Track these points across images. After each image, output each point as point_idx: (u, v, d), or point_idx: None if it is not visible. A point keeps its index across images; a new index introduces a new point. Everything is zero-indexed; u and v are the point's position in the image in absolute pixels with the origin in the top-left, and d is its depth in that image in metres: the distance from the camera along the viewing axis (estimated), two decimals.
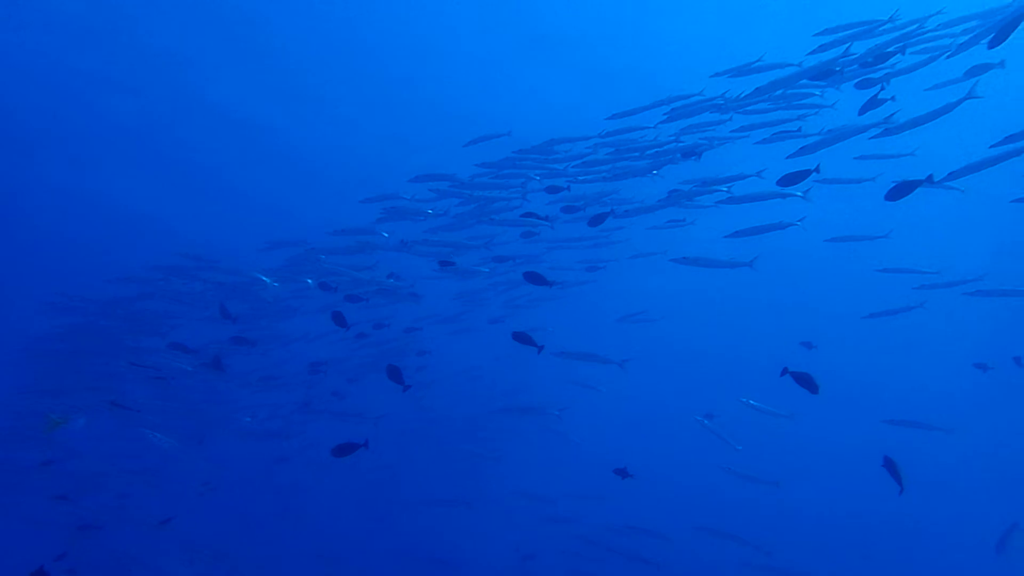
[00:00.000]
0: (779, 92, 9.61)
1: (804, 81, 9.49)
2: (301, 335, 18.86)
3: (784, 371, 7.65)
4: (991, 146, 7.48)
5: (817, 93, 9.89)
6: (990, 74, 8.59)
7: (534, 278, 8.80)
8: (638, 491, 19.33)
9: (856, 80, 9.47)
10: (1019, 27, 7.36)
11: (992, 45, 7.50)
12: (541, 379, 24.14)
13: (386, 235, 12.46)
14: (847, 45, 9.20)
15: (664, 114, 10.49)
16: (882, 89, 9.17)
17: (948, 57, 8.75)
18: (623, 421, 24.82)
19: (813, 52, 9.59)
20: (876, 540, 21.05)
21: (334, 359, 18.15)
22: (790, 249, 24.08)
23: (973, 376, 19.04)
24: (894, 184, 7.61)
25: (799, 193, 9.26)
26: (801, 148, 8.61)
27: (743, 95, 10.04)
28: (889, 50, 8.88)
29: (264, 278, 12.71)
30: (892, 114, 8.62)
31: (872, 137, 8.80)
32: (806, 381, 7.47)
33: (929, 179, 7.71)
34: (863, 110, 9.58)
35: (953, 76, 9.43)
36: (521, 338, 8.64)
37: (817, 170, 8.69)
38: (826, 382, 7.64)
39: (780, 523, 19.32)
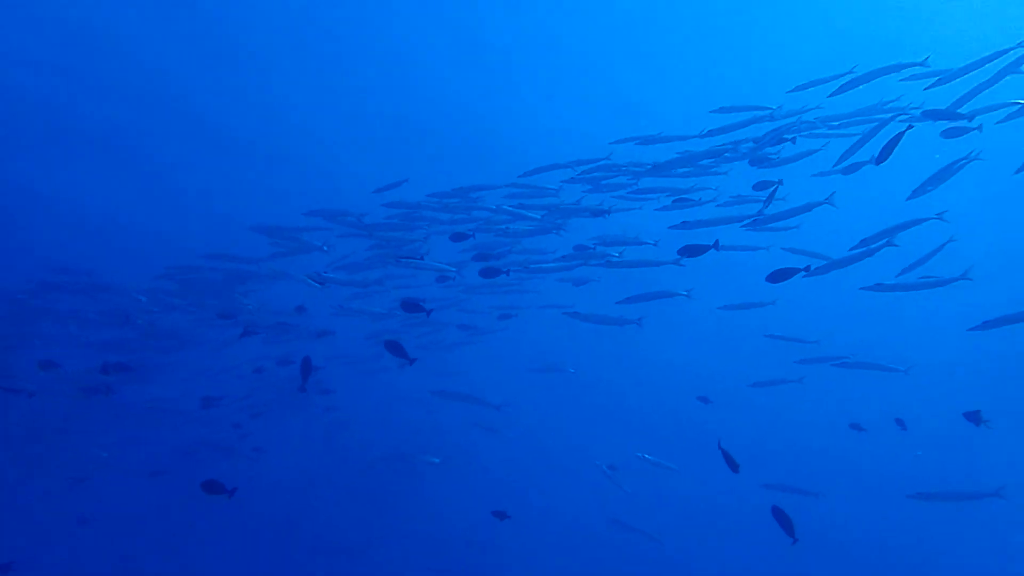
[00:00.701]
0: (681, 168, 10.38)
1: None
2: (203, 367, 18.18)
3: (719, 445, 8.01)
4: (850, 248, 8.43)
5: (723, 171, 10.72)
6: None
7: (394, 348, 8.76)
8: (523, 535, 19.65)
9: (750, 159, 10.35)
10: None
11: (879, 162, 8.38)
12: (448, 421, 24.11)
13: (325, 248, 12.20)
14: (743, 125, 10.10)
15: (571, 177, 11.03)
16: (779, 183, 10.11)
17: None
18: (523, 465, 25.02)
19: (706, 134, 10.41)
20: None
21: (232, 395, 17.55)
22: (691, 312, 25.32)
23: (851, 436, 20.43)
24: (775, 270, 8.43)
25: (681, 262, 9.95)
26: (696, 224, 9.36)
27: (656, 162, 10.74)
28: (786, 136, 9.81)
29: (141, 297, 12.10)
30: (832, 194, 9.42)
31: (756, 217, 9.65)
32: (729, 460, 7.82)
33: (807, 268, 8.51)
34: (756, 187, 10.51)
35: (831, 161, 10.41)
36: (393, 348, 8.65)
37: (716, 245, 9.37)
38: (716, 439, 8.09)
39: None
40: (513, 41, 20.59)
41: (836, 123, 10.31)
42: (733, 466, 7.83)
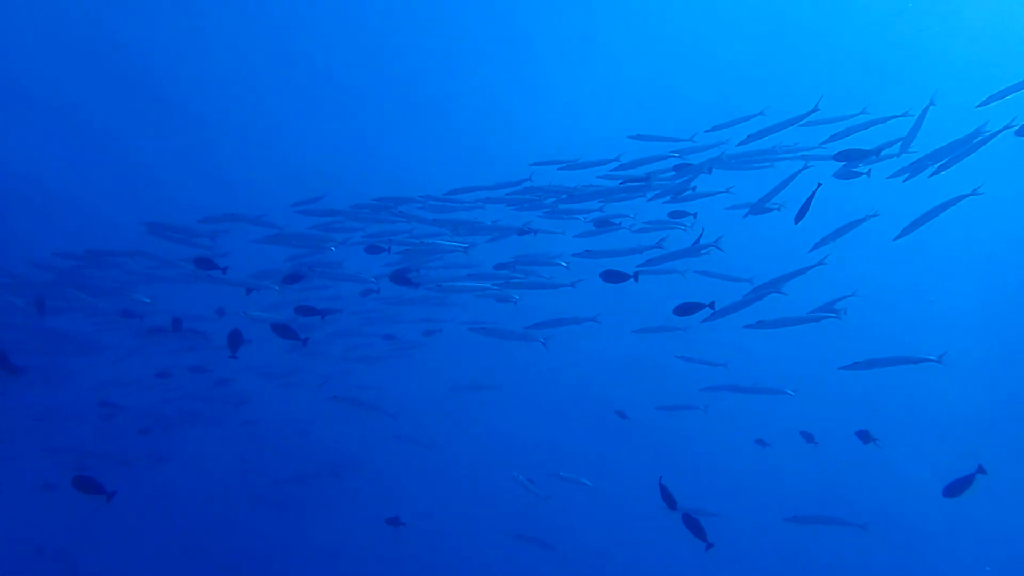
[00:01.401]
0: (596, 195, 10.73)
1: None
2: (105, 374, 17.33)
3: (660, 482, 8.15)
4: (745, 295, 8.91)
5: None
6: None
7: (283, 331, 8.55)
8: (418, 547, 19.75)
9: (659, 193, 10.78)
10: None
11: (797, 221, 8.89)
12: (369, 435, 23.81)
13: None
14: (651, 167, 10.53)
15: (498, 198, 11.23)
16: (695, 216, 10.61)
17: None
18: (437, 476, 25.06)
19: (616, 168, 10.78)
20: None
21: (137, 404, 16.79)
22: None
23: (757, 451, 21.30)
24: (681, 303, 8.83)
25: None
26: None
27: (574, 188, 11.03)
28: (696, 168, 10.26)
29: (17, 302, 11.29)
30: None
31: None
32: (667, 497, 7.93)
33: (711, 305, 8.91)
34: (672, 215, 11.00)
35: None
36: (282, 331, 8.55)
37: (635, 277, 9.63)
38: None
39: None
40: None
41: (753, 158, 10.86)
42: (671, 503, 7.97)
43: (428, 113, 23.59)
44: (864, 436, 9.89)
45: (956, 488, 7.68)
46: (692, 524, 7.93)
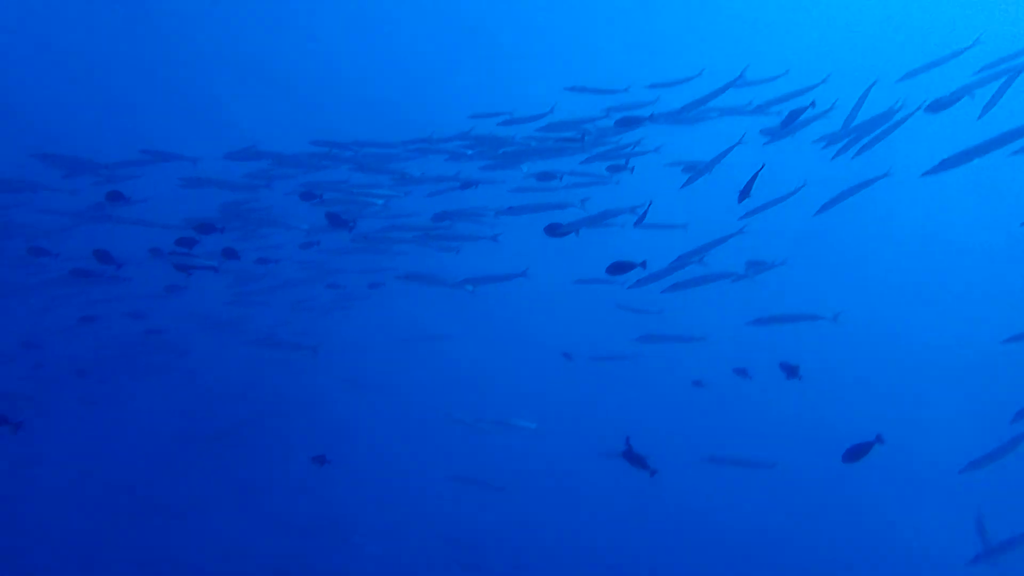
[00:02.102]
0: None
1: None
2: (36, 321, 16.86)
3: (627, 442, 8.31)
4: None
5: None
6: None
7: None
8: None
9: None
10: None
11: (740, 200, 9.03)
12: (313, 381, 23.96)
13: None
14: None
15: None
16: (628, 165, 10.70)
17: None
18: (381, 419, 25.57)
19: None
20: None
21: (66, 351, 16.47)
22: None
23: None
24: (613, 262, 8.98)
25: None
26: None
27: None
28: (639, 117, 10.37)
29: None
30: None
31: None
32: (638, 460, 8.09)
33: (643, 264, 9.01)
34: (609, 169, 11.14)
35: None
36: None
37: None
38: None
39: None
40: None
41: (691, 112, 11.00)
42: (643, 467, 8.04)
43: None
44: (789, 370, 10.15)
45: (854, 454, 8.24)
46: (633, 458, 8.26)
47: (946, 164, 7.75)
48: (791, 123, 9.23)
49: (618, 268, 9.09)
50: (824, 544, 20.80)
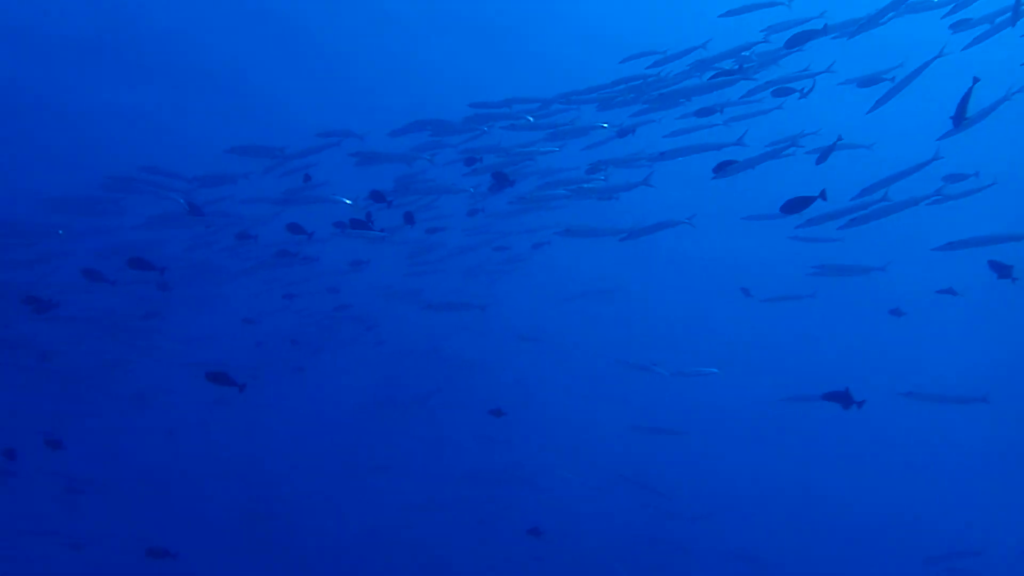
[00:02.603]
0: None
1: None
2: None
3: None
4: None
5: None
6: None
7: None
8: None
9: None
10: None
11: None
12: (492, 342, 25.07)
13: (348, 201, 12.49)
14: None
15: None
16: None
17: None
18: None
19: None
20: None
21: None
22: None
23: None
24: (791, 199, 8.46)
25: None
26: None
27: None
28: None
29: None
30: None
31: None
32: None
33: (822, 195, 8.40)
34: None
35: None
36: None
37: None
38: None
39: None
40: None
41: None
42: (848, 402, 7.88)
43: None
44: (1000, 269, 8.80)
45: (793, 206, 7.61)
46: (837, 396, 7.93)
47: None
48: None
49: (796, 204, 8.36)
50: None
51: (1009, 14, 8.06)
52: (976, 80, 7.73)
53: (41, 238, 15.29)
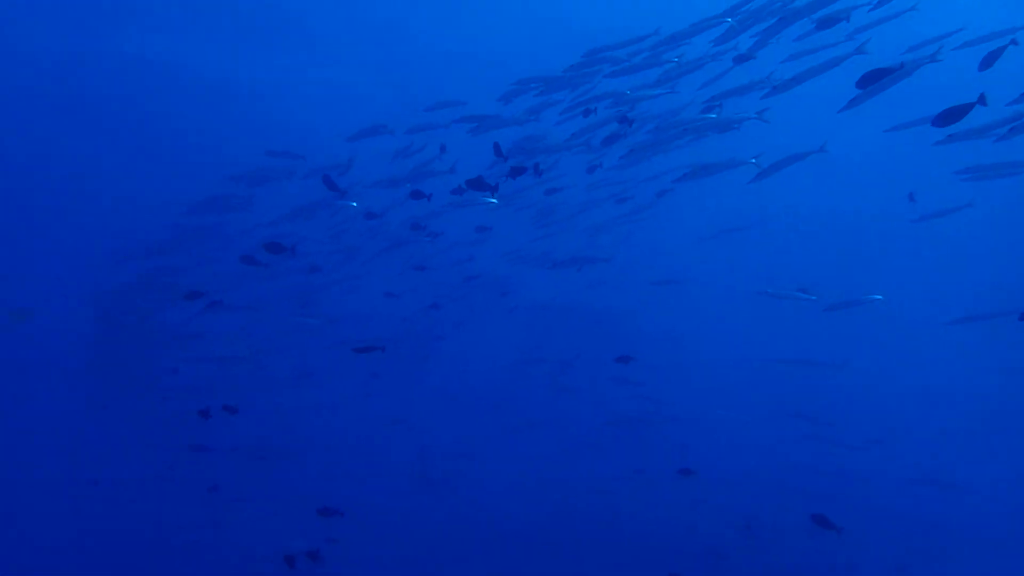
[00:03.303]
0: None
1: None
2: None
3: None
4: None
5: None
6: None
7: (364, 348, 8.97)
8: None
9: None
10: None
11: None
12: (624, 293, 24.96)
13: (354, 204, 12.81)
14: None
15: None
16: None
17: None
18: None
19: None
20: None
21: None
22: None
23: None
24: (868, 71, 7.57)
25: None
26: None
27: None
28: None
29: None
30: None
31: None
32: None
33: (901, 66, 7.37)
34: None
35: None
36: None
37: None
38: None
39: None
40: None
41: None
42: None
43: None
44: None
45: (949, 116, 6.88)
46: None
47: None
48: None
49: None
50: None
51: None
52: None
53: (193, 239, 17.12)
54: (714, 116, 9.70)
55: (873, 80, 7.26)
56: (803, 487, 17.74)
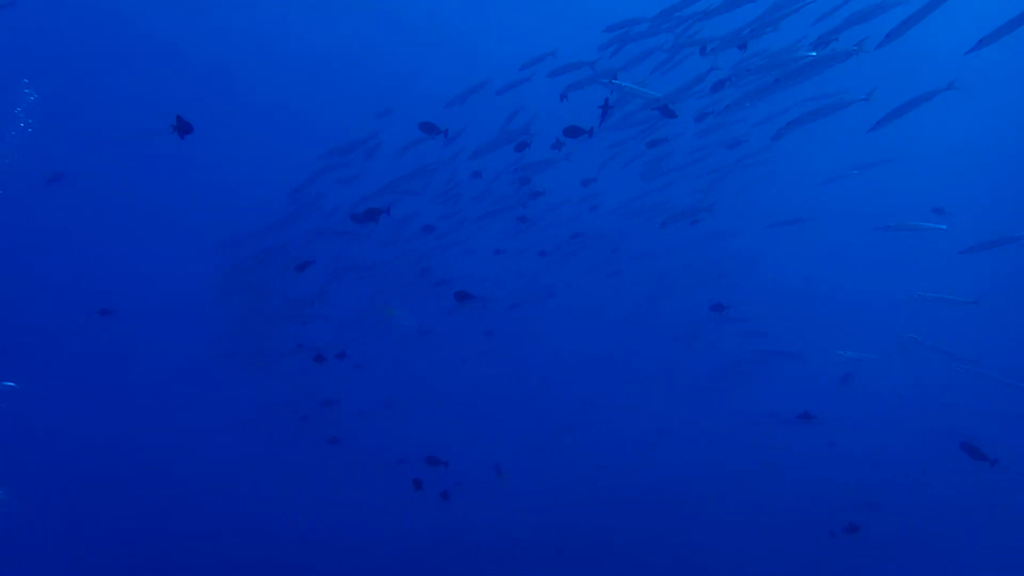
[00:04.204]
0: None
1: None
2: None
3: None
4: None
5: None
6: None
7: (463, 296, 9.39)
8: None
9: None
10: None
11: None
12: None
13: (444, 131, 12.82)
14: None
15: None
16: None
17: None
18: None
19: None
20: None
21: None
22: None
23: None
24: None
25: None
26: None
27: None
28: None
29: None
30: None
31: None
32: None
33: None
34: None
35: None
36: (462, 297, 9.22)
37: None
38: None
39: None
40: None
41: None
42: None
43: None
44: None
45: None
46: None
47: None
48: None
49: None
50: None
51: None
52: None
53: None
54: (814, 53, 8.98)
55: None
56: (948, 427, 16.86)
